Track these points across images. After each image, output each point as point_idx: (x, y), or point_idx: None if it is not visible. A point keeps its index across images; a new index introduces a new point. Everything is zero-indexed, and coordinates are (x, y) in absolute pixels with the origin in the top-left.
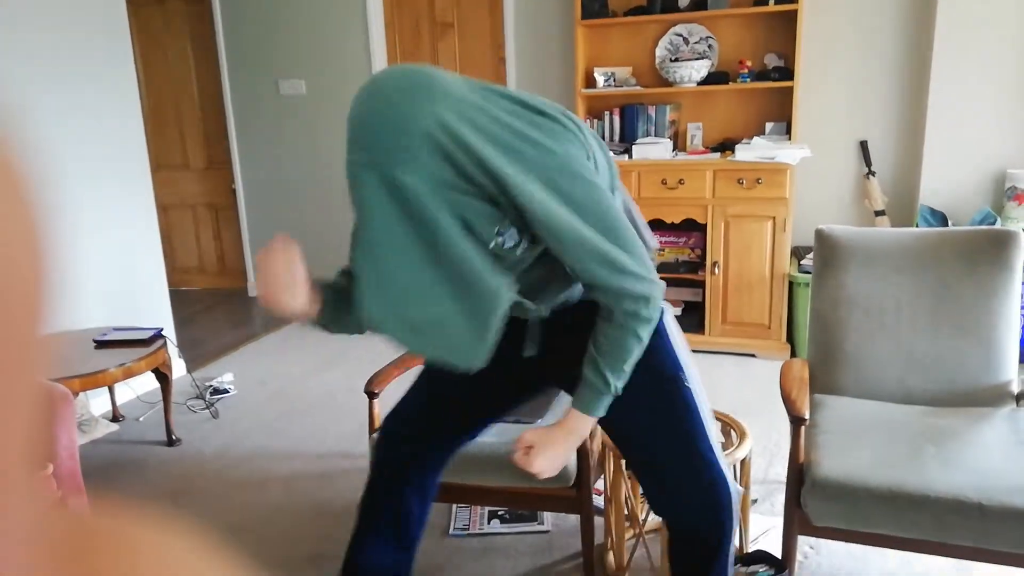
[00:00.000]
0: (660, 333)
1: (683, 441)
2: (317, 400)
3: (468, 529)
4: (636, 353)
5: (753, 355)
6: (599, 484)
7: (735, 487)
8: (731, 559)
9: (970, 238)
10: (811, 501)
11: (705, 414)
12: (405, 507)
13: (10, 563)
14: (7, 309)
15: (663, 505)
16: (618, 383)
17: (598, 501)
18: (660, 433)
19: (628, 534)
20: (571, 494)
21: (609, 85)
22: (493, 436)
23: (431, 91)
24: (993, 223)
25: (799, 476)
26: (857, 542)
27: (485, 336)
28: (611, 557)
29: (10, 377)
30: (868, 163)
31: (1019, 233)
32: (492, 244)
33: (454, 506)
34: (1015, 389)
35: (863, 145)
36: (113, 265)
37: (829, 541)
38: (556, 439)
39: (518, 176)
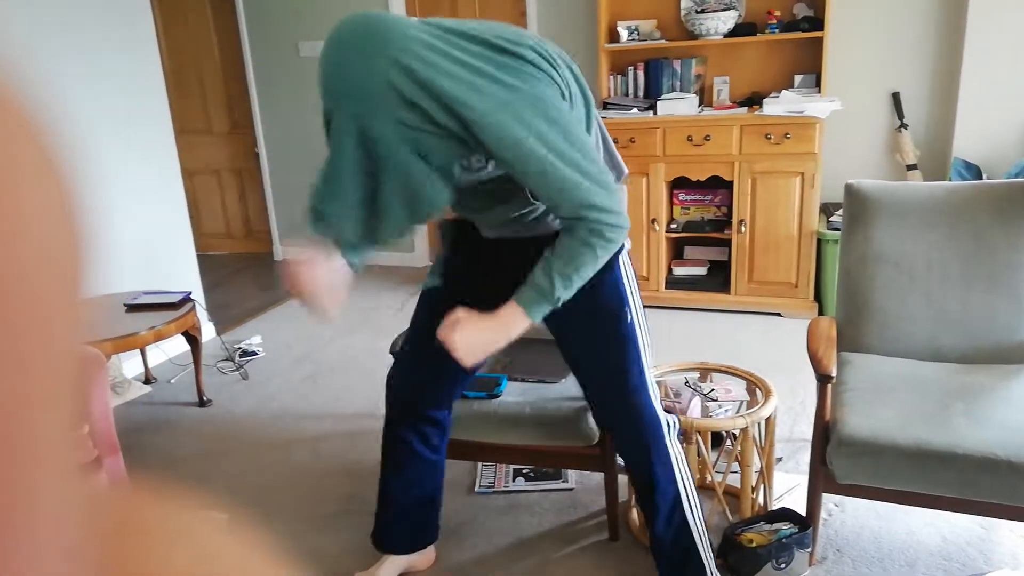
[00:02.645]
0: (612, 267)
1: (619, 372)
2: (343, 362)
3: (493, 487)
4: (588, 269)
5: (779, 314)
6: None
7: (667, 421)
8: (686, 502)
9: (1005, 191)
10: (836, 459)
11: (645, 354)
12: (421, 437)
13: (54, 545)
14: (47, 272)
15: (601, 423)
16: (562, 292)
17: (621, 460)
18: (599, 360)
19: None
20: (595, 452)
21: (633, 39)
22: (518, 395)
23: (387, 37)
24: None
25: (824, 434)
26: (882, 500)
27: (418, 220)
28: (635, 514)
29: (52, 342)
30: (900, 116)
31: None
32: (455, 169)
33: (479, 464)
34: None
35: (895, 97)
36: (141, 231)
37: (854, 499)
38: (483, 325)
39: (477, 111)
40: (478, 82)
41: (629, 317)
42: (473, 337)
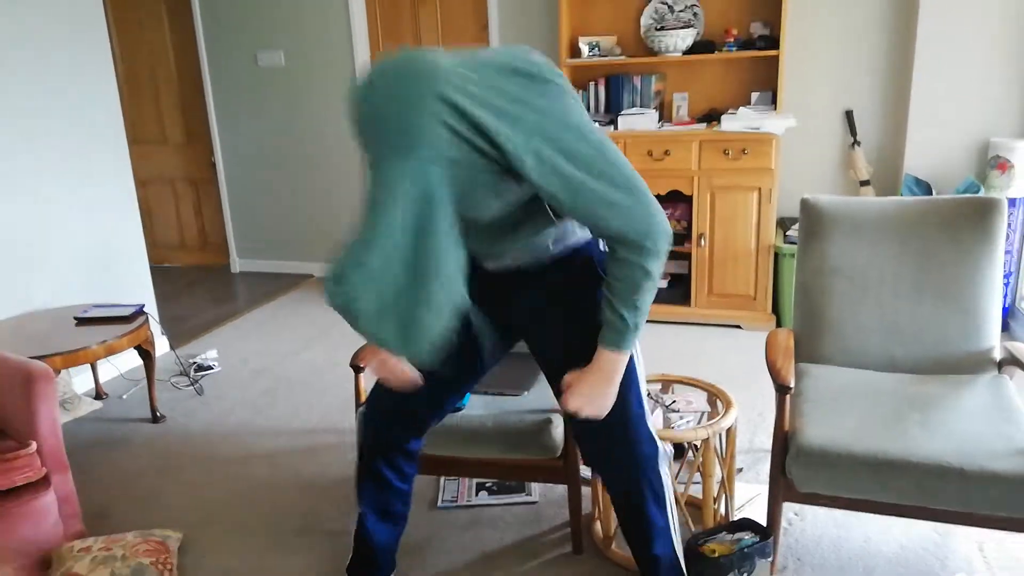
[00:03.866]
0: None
1: (620, 400)
2: (301, 376)
3: (456, 501)
4: (647, 287)
5: (739, 326)
6: None
7: (663, 448)
8: (671, 525)
9: (953, 206)
10: (795, 468)
11: (642, 379)
12: (398, 472)
13: None
14: None
15: (593, 459)
16: (636, 318)
17: (585, 472)
18: None
19: None
20: (558, 464)
21: (594, 55)
22: (480, 409)
23: (431, 72)
24: (977, 192)
25: (784, 444)
26: (841, 508)
27: (426, 331)
28: (598, 527)
29: None
30: (853, 133)
31: (1002, 201)
32: (492, 201)
33: (442, 479)
34: (997, 356)
35: (848, 115)
36: (92, 242)
37: (813, 508)
38: (588, 380)
39: (517, 140)
40: (516, 111)
41: (634, 348)
42: (588, 396)
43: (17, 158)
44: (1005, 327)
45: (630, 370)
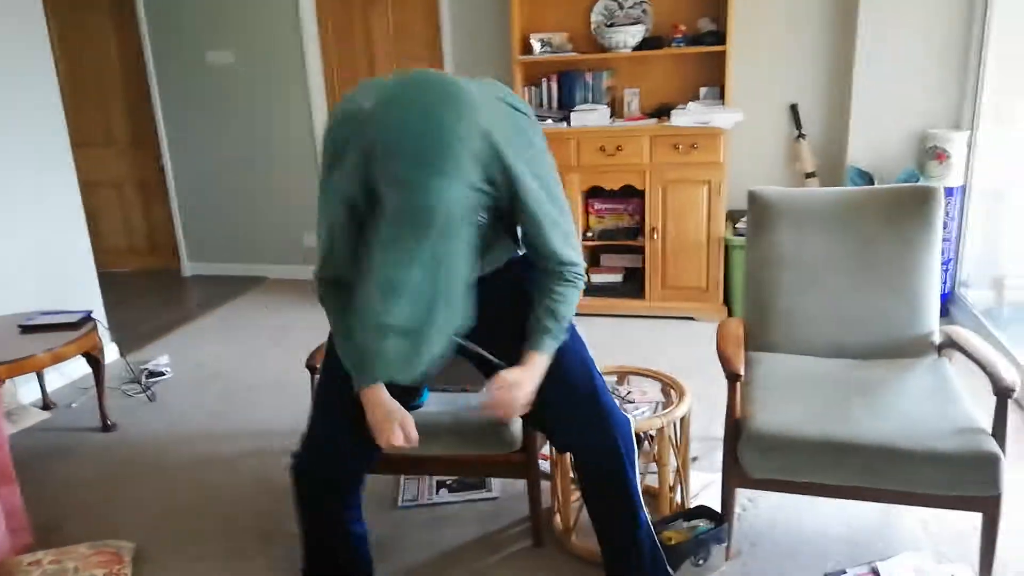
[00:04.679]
0: None
1: (586, 376)
2: (257, 380)
3: (416, 500)
4: (570, 310)
5: (692, 318)
6: (545, 450)
7: (627, 417)
8: (638, 494)
9: (893, 196)
10: (747, 454)
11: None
12: (353, 513)
13: None
14: None
15: (570, 437)
16: (559, 331)
17: (544, 466)
18: (571, 369)
19: (574, 496)
20: (518, 459)
21: (546, 51)
22: (437, 405)
23: (470, 102)
24: (916, 182)
25: (735, 431)
26: (792, 492)
27: (435, 352)
28: (558, 519)
29: None
30: (798, 126)
31: (938, 189)
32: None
33: (402, 478)
34: (936, 340)
35: (794, 108)
36: (36, 248)
37: (766, 493)
38: (526, 380)
39: (524, 174)
40: (526, 151)
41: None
42: (526, 394)
43: None
44: (945, 312)
45: (581, 344)
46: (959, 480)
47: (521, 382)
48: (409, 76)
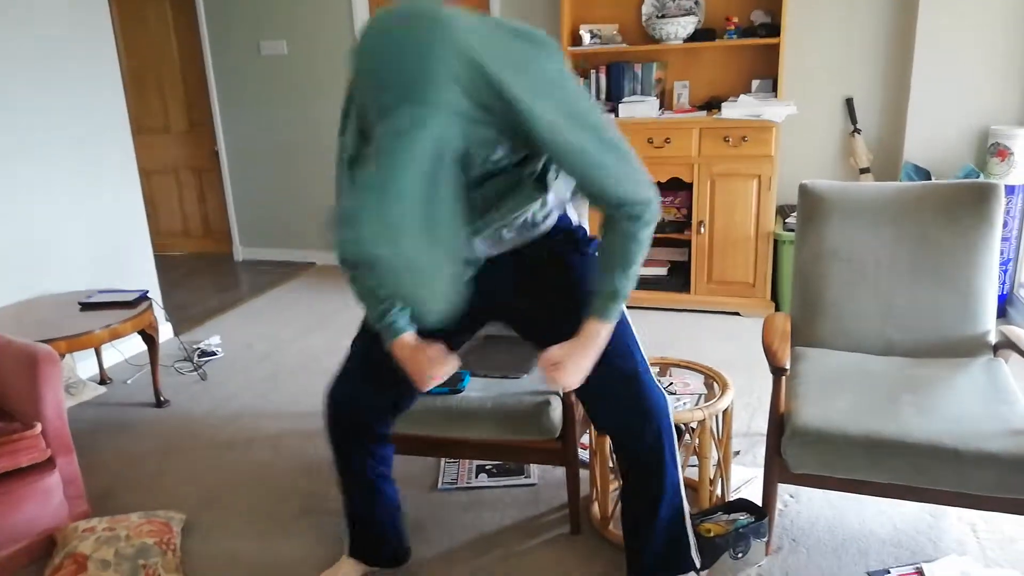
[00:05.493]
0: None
1: (626, 355)
2: (303, 362)
3: (456, 483)
4: (639, 257)
5: (738, 313)
6: (584, 439)
7: (666, 396)
8: (680, 481)
9: (951, 192)
10: (790, 449)
11: (638, 335)
12: (380, 460)
13: None
14: None
15: (610, 417)
16: (626, 287)
17: (583, 455)
18: (612, 347)
19: (612, 486)
20: (557, 447)
21: (595, 43)
22: (480, 391)
23: (450, 25)
24: (976, 179)
25: (779, 425)
26: (835, 489)
27: (441, 288)
28: (596, 508)
29: None
30: (853, 120)
31: (999, 186)
32: (482, 162)
33: (442, 461)
34: (992, 340)
35: (848, 102)
36: (97, 230)
37: (809, 489)
38: (579, 351)
39: (528, 100)
40: (528, 72)
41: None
42: (580, 368)
43: (24, 149)
44: (1002, 313)
45: (626, 324)
46: (1009, 482)
47: (568, 359)
48: (397, 5)
